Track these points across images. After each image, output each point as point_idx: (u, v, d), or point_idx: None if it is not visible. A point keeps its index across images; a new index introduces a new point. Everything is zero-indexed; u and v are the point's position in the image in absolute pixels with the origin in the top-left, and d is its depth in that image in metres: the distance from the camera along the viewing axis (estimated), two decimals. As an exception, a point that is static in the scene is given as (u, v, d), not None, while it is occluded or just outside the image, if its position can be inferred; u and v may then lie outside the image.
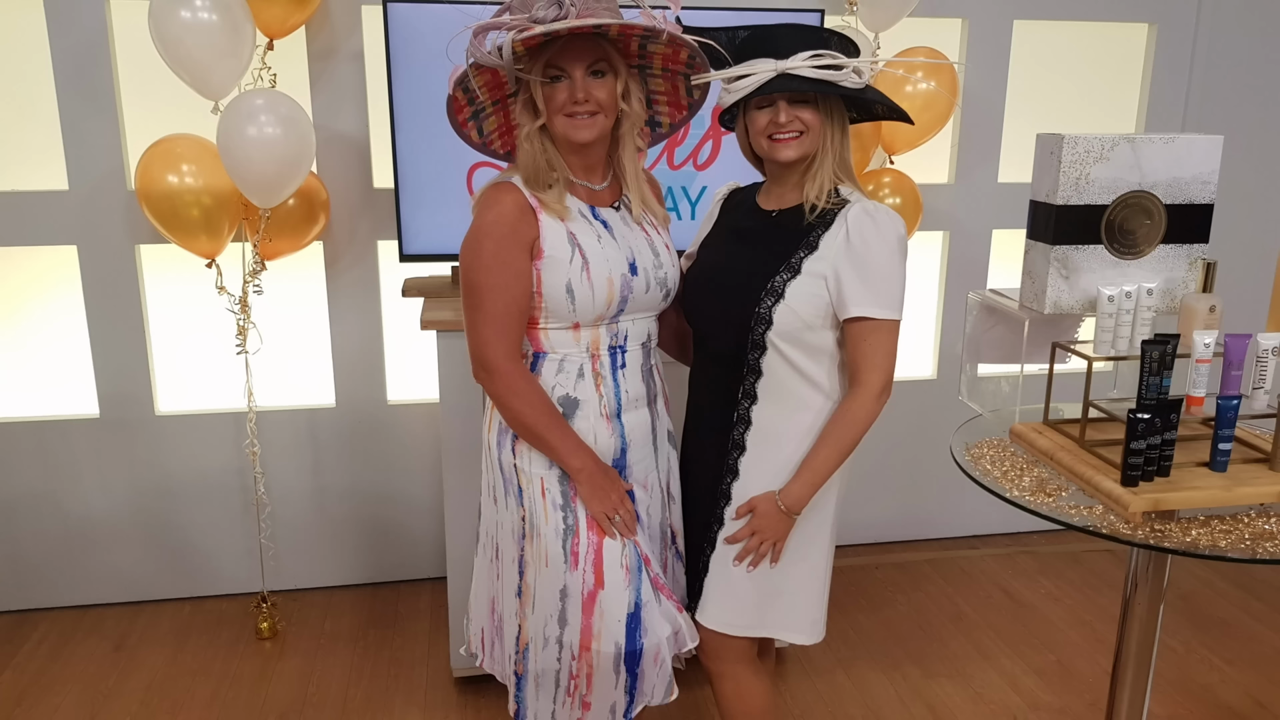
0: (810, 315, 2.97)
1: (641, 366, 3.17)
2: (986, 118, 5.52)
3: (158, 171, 4.36)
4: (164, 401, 5.18)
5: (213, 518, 5.30)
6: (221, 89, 4.33)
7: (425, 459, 5.41)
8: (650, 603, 3.07)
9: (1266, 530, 2.91)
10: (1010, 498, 3.12)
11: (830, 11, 4.93)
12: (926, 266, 5.76)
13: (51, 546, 5.20)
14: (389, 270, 5.12)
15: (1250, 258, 5.94)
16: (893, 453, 5.86)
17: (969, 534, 6.17)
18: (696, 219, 4.71)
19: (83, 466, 5.13)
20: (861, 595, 5.46)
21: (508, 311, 2.94)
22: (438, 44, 3.25)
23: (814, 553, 3.22)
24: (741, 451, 3.13)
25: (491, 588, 3.32)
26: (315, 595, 5.45)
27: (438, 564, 5.54)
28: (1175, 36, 5.62)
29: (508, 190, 2.96)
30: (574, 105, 2.89)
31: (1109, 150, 3.29)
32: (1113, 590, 5.51)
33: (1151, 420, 2.94)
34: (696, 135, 4.64)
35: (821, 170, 3.02)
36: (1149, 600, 3.31)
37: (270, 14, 4.37)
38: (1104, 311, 3.33)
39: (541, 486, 3.08)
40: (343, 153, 4.93)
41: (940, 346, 5.85)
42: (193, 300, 5.01)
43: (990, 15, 5.38)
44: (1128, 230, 3.40)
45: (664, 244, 3.17)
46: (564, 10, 2.80)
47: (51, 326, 5.06)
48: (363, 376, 5.27)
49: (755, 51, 2.96)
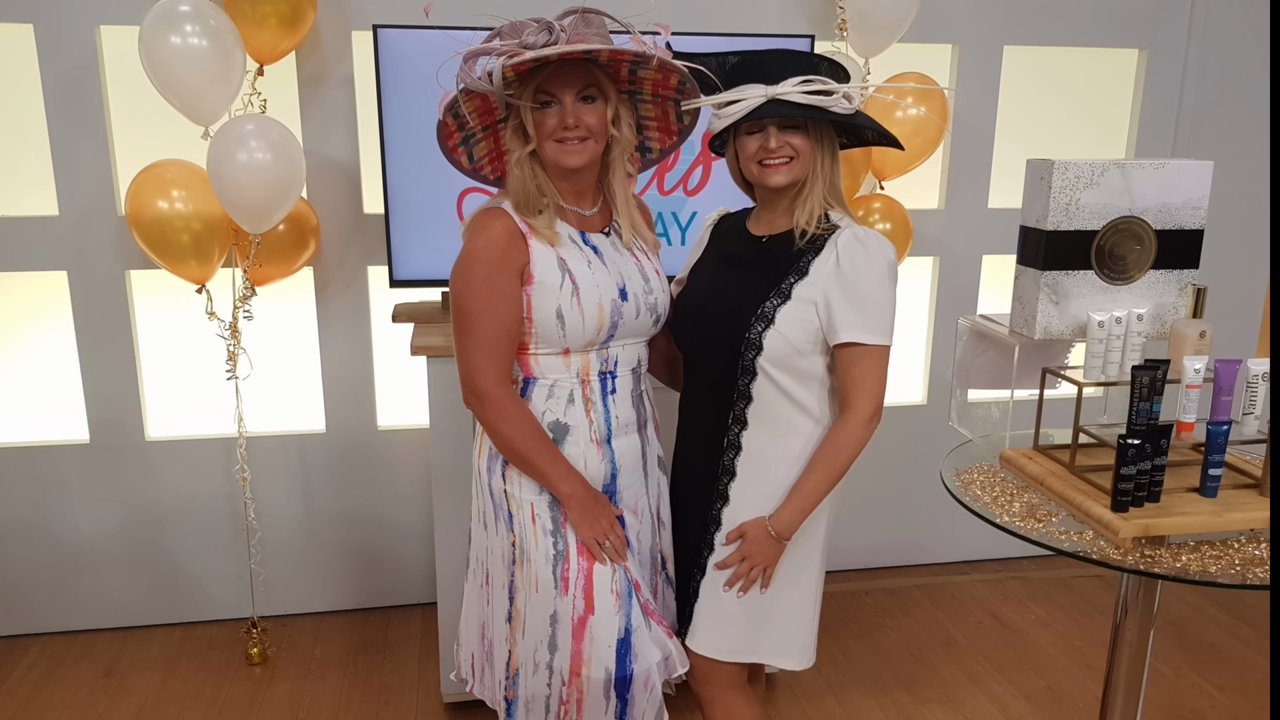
0: (800, 341, 2.97)
1: (632, 392, 3.17)
2: (977, 143, 5.53)
3: (148, 197, 4.36)
4: (154, 427, 5.17)
5: (203, 543, 5.29)
6: (212, 114, 4.33)
7: (415, 484, 5.40)
8: (640, 628, 3.06)
9: (1257, 556, 2.91)
10: (1000, 523, 3.12)
11: (820, 37, 4.94)
12: (917, 292, 5.76)
13: (42, 572, 5.19)
14: (379, 296, 5.12)
15: (1240, 283, 5.95)
16: (883, 478, 5.86)
17: (959, 559, 6.17)
18: (687, 244, 4.72)
19: (73, 492, 5.12)
20: (852, 620, 5.45)
21: (498, 337, 2.94)
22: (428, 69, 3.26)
23: (804, 578, 3.22)
24: (731, 477, 3.13)
25: (482, 613, 3.31)
26: (305, 620, 5.43)
27: (428, 589, 5.52)
28: (1165, 62, 5.63)
29: (498, 216, 2.96)
30: (564, 131, 2.89)
31: (1099, 176, 3.30)
32: (1103, 616, 5.50)
33: (1142, 446, 2.94)
34: (686, 161, 4.65)
35: (812, 196, 3.03)
36: (1139, 626, 3.30)
37: (260, 40, 4.38)
38: (1094, 337, 3.33)
39: (532, 512, 3.07)
40: (333, 178, 4.93)
41: (930, 372, 5.85)
42: (183, 326, 5.01)
43: (980, 41, 5.39)
44: (1118, 256, 3.40)
45: (654, 269, 3.17)
46: (554, 36, 2.81)
47: (42, 352, 5.05)
48: (353, 402, 5.26)
49: (745, 77, 2.97)
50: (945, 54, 5.44)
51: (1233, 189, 5.58)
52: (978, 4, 5.33)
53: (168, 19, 4.11)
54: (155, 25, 4.12)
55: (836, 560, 5.85)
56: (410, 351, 4.25)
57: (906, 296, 4.63)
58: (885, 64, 5.06)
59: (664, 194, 4.68)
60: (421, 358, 4.26)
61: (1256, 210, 5.84)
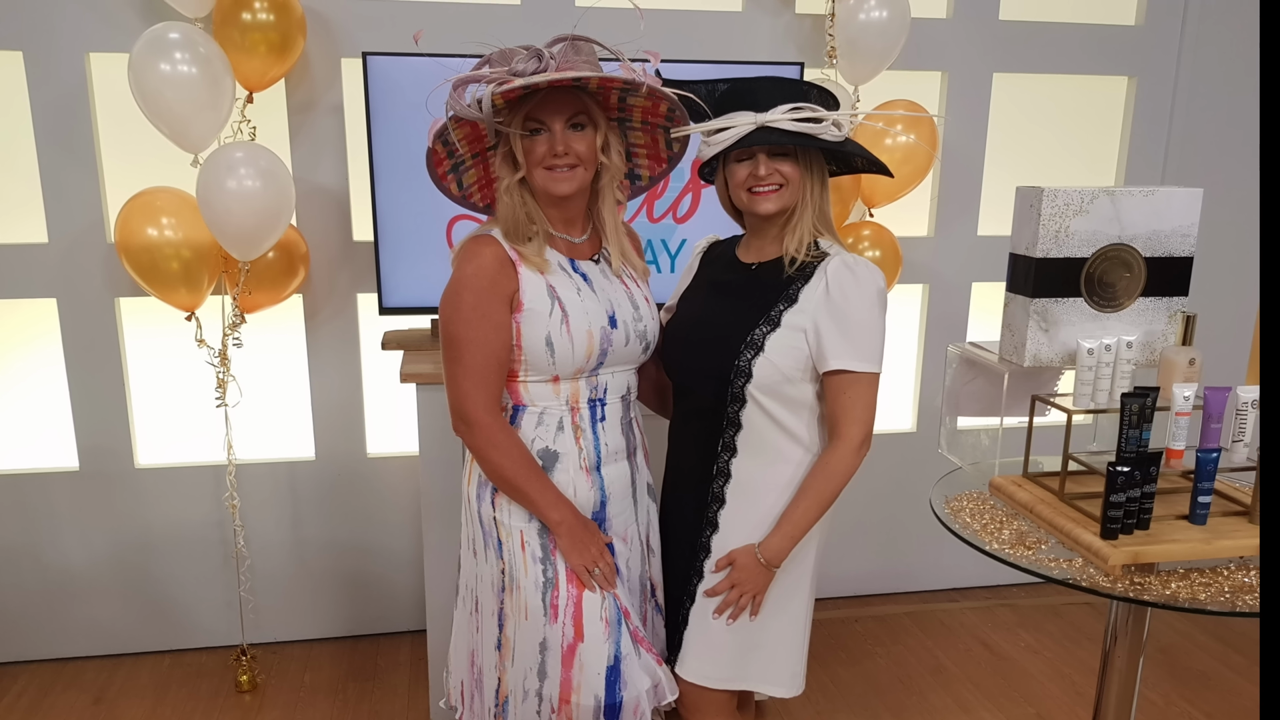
0: (790, 368, 2.98)
1: (621, 419, 3.17)
2: (966, 170, 5.54)
3: (137, 224, 4.36)
4: (143, 454, 5.16)
5: (192, 571, 5.27)
6: (201, 142, 4.33)
7: (405, 512, 5.39)
8: (630, 656, 3.06)
9: (1246, 583, 2.91)
10: (990, 550, 3.12)
11: (810, 65, 4.96)
12: (906, 319, 5.76)
13: (31, 599, 5.17)
14: (369, 323, 5.11)
15: (1230, 311, 5.96)
16: (872, 506, 5.85)
17: (948, 587, 6.16)
18: (676, 272, 4.72)
19: (62, 519, 5.10)
20: (841, 648, 5.44)
21: (487, 364, 2.94)
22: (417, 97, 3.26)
23: (793, 605, 3.21)
24: (721, 504, 3.13)
25: (471, 640, 3.30)
26: (295, 648, 5.41)
27: (417, 617, 5.51)
28: (1155, 90, 5.65)
29: (487, 243, 2.97)
30: (553, 158, 2.90)
31: (1088, 203, 3.30)
32: (1092, 643, 5.50)
33: (1131, 473, 2.94)
34: (676, 188, 4.65)
35: (801, 223, 3.03)
36: (1128, 653, 3.30)
37: (250, 67, 4.38)
38: (1083, 364, 3.33)
39: (521, 539, 3.07)
40: (322, 205, 4.93)
41: (920, 399, 5.85)
42: (172, 353, 4.99)
43: (970, 68, 5.41)
44: (1107, 283, 3.40)
45: (644, 297, 3.17)
46: (543, 63, 2.81)
47: (31, 379, 5.04)
48: (342, 429, 5.25)
49: (735, 104, 2.98)
50: (935, 81, 5.46)
51: (1222, 217, 5.59)
52: (967, 31, 5.35)
53: (157, 46, 4.12)
54: (145, 53, 4.12)
55: (826, 587, 5.83)
56: (400, 379, 4.25)
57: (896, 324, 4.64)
58: (875, 91, 5.08)
59: (653, 221, 4.68)
60: (411, 385, 4.27)
61: (1246, 238, 5.84)
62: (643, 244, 3.45)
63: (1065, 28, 5.46)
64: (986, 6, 5.35)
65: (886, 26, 4.80)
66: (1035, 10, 5.45)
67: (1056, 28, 5.45)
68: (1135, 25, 5.57)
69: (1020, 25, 5.41)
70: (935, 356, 5.72)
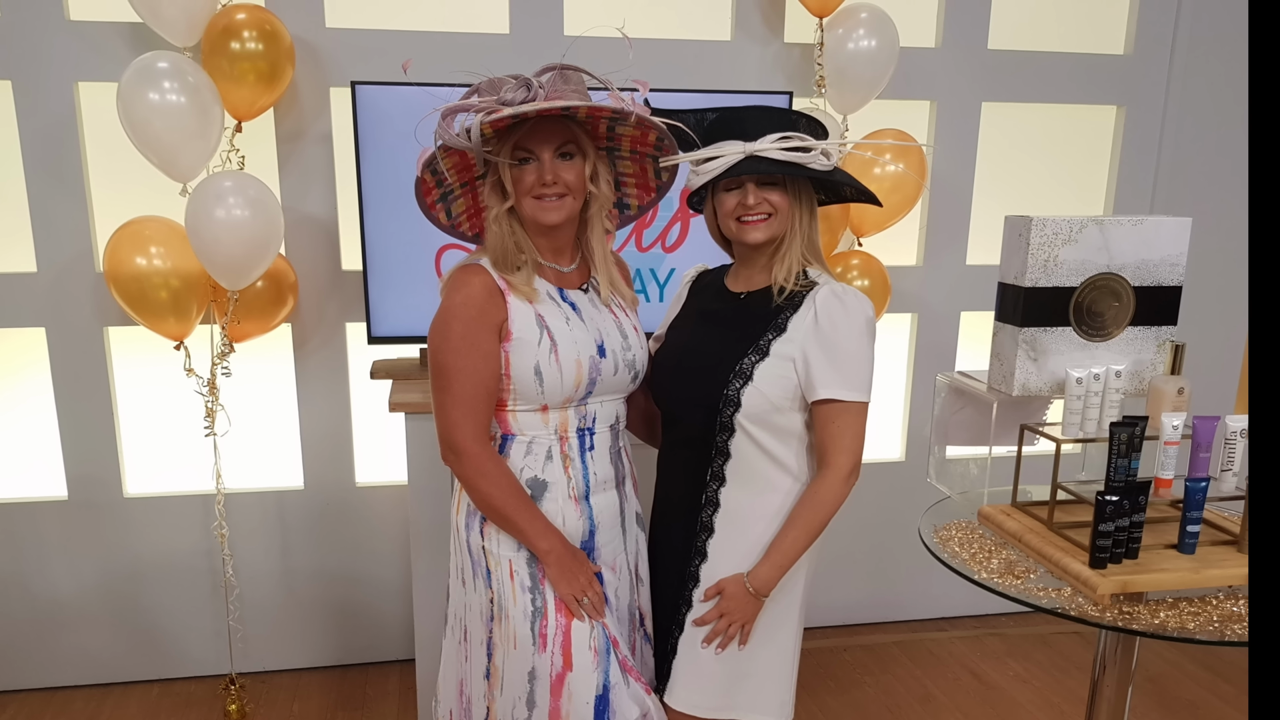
0: (779, 397, 2.97)
1: (610, 448, 3.17)
2: (955, 199, 5.55)
3: (126, 253, 4.36)
4: (132, 484, 5.15)
5: (181, 600, 5.25)
6: (190, 171, 4.33)
7: (394, 541, 5.38)
8: (619, 685, 3.05)
9: (1235, 612, 2.91)
10: (978, 580, 3.12)
11: (799, 94, 4.97)
12: (895, 348, 5.77)
13: (19, 628, 5.15)
14: (357, 352, 5.11)
15: (1219, 340, 5.97)
16: (861, 535, 5.85)
17: (937, 616, 6.15)
18: (665, 301, 4.71)
19: (51, 548, 5.09)
20: (830, 677, 5.43)
21: (476, 393, 2.93)
22: (406, 126, 3.25)
23: (782, 635, 3.20)
24: (710, 534, 3.12)
25: (460, 669, 3.29)
26: (284, 677, 5.39)
27: (406, 646, 5.49)
28: (1143, 119, 5.67)
29: (476, 272, 2.96)
30: (542, 187, 2.90)
31: (1077, 232, 3.31)
32: (1081, 672, 5.49)
33: (1120, 502, 2.94)
34: (665, 217, 4.66)
35: (790, 252, 3.03)
36: (1117, 682, 3.30)
37: (239, 96, 4.39)
38: (1072, 394, 3.33)
39: (510, 568, 3.06)
40: (311, 234, 4.93)
41: (908, 428, 5.85)
42: (161, 382, 4.99)
43: (959, 97, 5.42)
44: (1096, 312, 3.41)
45: (632, 326, 3.17)
46: (532, 93, 2.82)
47: (20, 408, 5.04)
48: (331, 458, 5.25)
49: (723, 134, 2.98)
50: (924, 110, 5.47)
51: (1211, 245, 5.60)
52: (956, 61, 5.36)
53: (146, 76, 4.12)
54: (134, 82, 4.13)
55: (815, 617, 5.83)
56: (389, 408, 4.25)
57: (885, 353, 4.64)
58: (864, 120, 5.09)
59: (642, 250, 4.68)
60: (400, 414, 4.26)
61: (1234, 266, 5.85)
62: (631, 273, 3.46)
63: (1054, 57, 5.48)
64: (975, 36, 5.36)
65: (875, 55, 4.81)
66: (1024, 40, 5.47)
67: (1045, 57, 5.47)
68: (1124, 55, 5.59)
69: (1009, 54, 5.43)
70: (924, 386, 5.73)
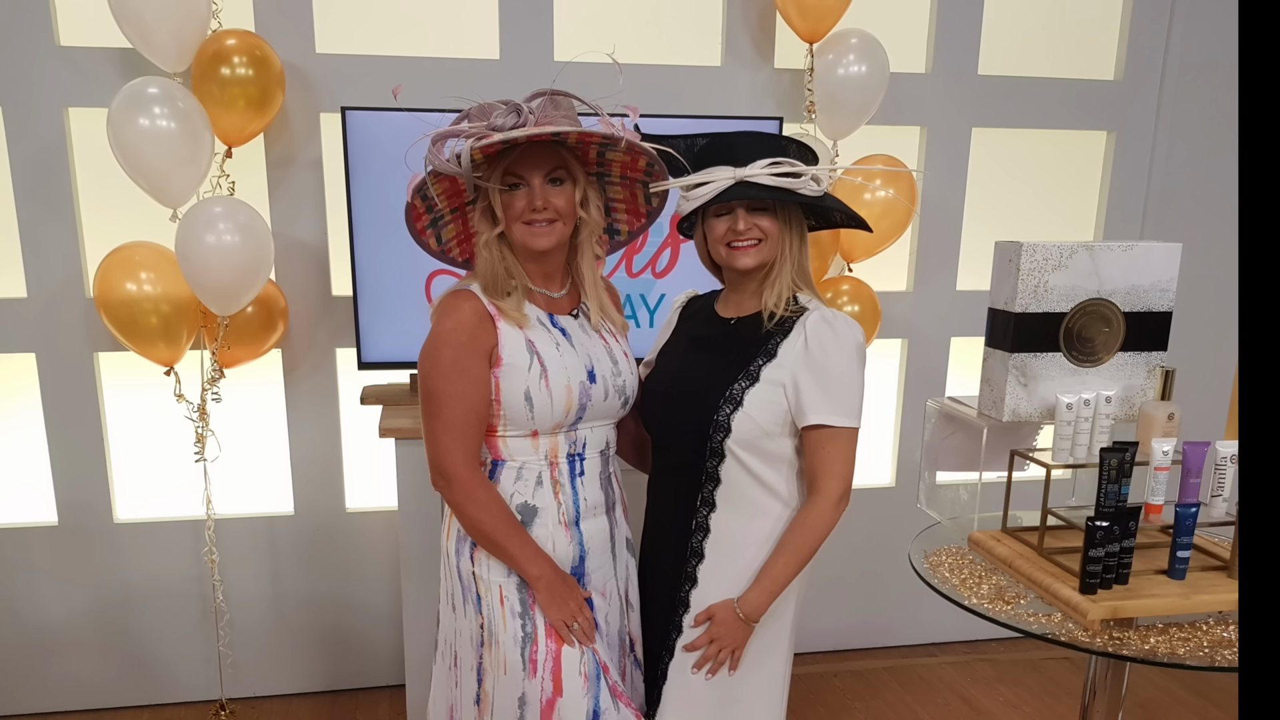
0: (769, 423, 2.97)
1: (600, 474, 3.17)
2: (945, 225, 5.55)
3: (116, 279, 4.35)
4: (122, 509, 5.14)
5: (171, 625, 5.24)
6: (180, 196, 4.34)
7: (384, 567, 5.37)
8: (609, 710, 3.04)
9: (1225, 638, 2.91)
10: (969, 605, 3.12)
11: (789, 119, 4.97)
12: (885, 374, 5.77)
13: (9, 654, 5.13)
14: (347, 378, 5.11)
15: (1209, 365, 5.97)
16: (851, 560, 5.84)
17: (928, 642, 6.14)
18: (655, 326, 4.72)
19: (41, 574, 5.07)
20: (820, 703, 5.41)
21: (466, 419, 2.93)
22: (396, 152, 3.26)
23: (772, 660, 3.20)
24: (700, 559, 3.12)
25: (450, 695, 3.28)
26: (274, 703, 5.37)
27: (396, 672, 5.48)
28: (1133, 145, 5.68)
29: (466, 298, 2.96)
30: (532, 213, 2.90)
31: (1067, 258, 3.31)
32: (1071, 698, 5.48)
33: (1110, 528, 2.94)
34: (655, 243, 4.66)
35: (780, 278, 3.03)
36: (1108, 708, 3.30)
37: (229, 122, 4.39)
38: (1062, 419, 3.34)
39: (500, 594, 3.05)
40: (301, 260, 4.93)
41: (899, 454, 5.85)
42: (151, 408, 4.98)
43: (949, 122, 5.43)
44: (1086, 338, 3.41)
45: (622, 352, 3.17)
46: (522, 118, 2.82)
47: (10, 434, 5.02)
48: (321, 484, 5.24)
49: (714, 159, 2.98)
50: (914, 136, 5.48)
51: (1201, 271, 5.60)
52: (946, 86, 5.38)
53: (136, 101, 4.13)
54: (124, 107, 4.13)
55: (805, 642, 5.82)
56: (379, 433, 4.25)
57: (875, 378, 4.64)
58: (854, 146, 5.10)
59: (632, 276, 4.69)
60: (390, 440, 4.26)
61: (1224, 292, 5.86)
62: (621, 299, 3.46)
63: (1044, 83, 5.50)
64: (965, 61, 5.38)
65: (865, 81, 4.82)
66: (1014, 65, 5.49)
67: (1035, 83, 5.49)
68: (1114, 80, 5.61)
69: (999, 80, 5.44)
70: (914, 411, 5.73)
